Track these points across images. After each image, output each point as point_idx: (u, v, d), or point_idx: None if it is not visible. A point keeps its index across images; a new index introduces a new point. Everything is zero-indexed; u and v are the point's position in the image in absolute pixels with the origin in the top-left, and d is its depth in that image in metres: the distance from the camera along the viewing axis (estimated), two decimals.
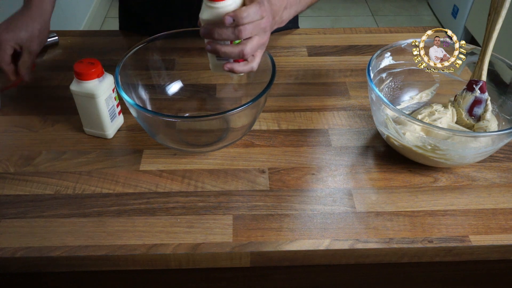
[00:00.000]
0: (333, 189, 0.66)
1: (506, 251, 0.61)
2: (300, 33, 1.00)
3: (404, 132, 0.66)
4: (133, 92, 0.70)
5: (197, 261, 0.59)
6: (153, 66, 0.76)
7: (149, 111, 0.62)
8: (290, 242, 0.59)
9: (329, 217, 0.62)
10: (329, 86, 0.85)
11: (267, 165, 0.69)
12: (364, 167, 0.69)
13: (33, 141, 0.73)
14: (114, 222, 0.61)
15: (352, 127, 0.76)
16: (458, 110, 0.73)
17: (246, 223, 0.61)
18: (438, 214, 0.63)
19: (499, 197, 0.65)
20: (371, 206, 0.64)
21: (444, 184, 0.67)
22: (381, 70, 0.75)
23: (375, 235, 0.60)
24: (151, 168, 0.68)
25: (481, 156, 0.65)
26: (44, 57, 0.92)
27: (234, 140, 0.71)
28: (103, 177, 0.67)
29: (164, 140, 0.69)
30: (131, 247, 0.58)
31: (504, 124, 0.71)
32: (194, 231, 0.60)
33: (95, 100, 0.68)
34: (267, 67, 0.68)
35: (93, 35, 1.00)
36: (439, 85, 0.78)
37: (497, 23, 0.67)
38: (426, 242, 0.59)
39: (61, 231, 0.60)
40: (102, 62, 0.68)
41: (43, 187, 0.65)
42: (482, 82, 0.70)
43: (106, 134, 0.73)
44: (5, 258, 0.57)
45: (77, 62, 0.67)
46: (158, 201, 0.64)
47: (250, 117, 0.68)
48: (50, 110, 0.78)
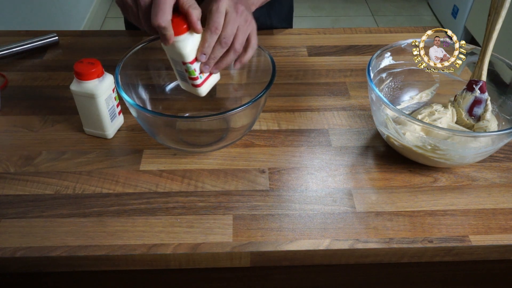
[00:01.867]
0: (333, 189, 0.66)
1: (506, 251, 0.61)
2: (300, 33, 1.00)
3: (404, 132, 0.66)
4: (133, 92, 0.70)
5: (197, 261, 0.59)
6: (153, 66, 0.76)
7: (149, 111, 0.62)
8: (290, 242, 0.59)
9: (329, 217, 0.62)
10: (329, 86, 0.85)
11: (267, 165, 0.69)
12: (364, 167, 0.69)
13: (33, 141, 0.73)
14: (114, 222, 0.61)
15: (352, 127, 0.76)
16: (458, 110, 0.73)
17: (246, 223, 0.61)
18: (438, 214, 0.63)
19: (499, 197, 0.65)
20: (371, 206, 0.64)
21: (444, 184, 0.67)
22: (381, 70, 0.75)
23: (375, 235, 0.60)
24: (151, 168, 0.69)
25: (481, 156, 0.65)
26: (44, 57, 0.92)
27: (234, 140, 0.71)
28: (103, 177, 0.67)
29: (164, 140, 0.69)
30: (131, 247, 0.58)
31: (504, 124, 0.71)
32: (194, 231, 0.60)
33: (95, 100, 0.68)
34: (267, 67, 0.68)
35: (93, 35, 1.00)
36: (439, 85, 0.78)
37: (497, 23, 0.67)
38: (426, 242, 0.59)
39: (61, 231, 0.60)
40: (102, 62, 0.68)
41: (43, 187, 0.65)
42: (482, 82, 0.70)
43: (106, 134, 0.73)
44: (5, 258, 0.57)
45: (77, 62, 0.67)
46: (158, 201, 0.64)
47: (250, 117, 0.68)
48: (50, 110, 0.78)
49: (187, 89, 0.67)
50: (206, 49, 0.61)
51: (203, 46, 0.60)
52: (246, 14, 0.63)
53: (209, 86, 0.67)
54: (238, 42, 0.62)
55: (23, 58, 0.91)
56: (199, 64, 0.62)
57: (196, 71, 0.63)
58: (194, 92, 0.66)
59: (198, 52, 0.61)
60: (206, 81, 0.65)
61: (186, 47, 0.60)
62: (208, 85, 0.66)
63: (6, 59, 0.90)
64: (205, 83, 0.65)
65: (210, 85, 0.67)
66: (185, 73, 0.63)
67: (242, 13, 0.62)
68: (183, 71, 0.63)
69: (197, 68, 0.62)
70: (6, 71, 0.87)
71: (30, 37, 0.92)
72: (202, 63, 0.62)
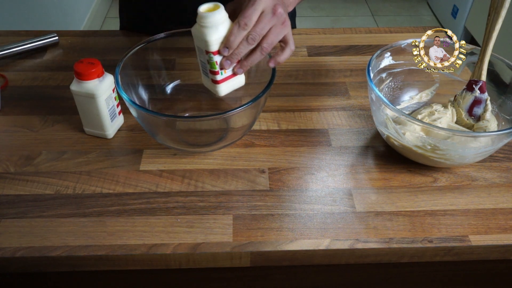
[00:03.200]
0: (333, 189, 0.66)
1: (505, 251, 0.61)
2: (300, 33, 1.00)
3: (404, 132, 0.66)
4: (133, 92, 0.70)
5: (197, 261, 0.59)
6: (153, 66, 0.76)
7: (149, 111, 0.62)
8: (290, 242, 0.59)
9: (329, 217, 0.62)
10: (329, 86, 0.85)
11: (267, 165, 0.69)
12: (364, 167, 0.69)
13: (33, 141, 0.73)
14: (114, 222, 0.61)
15: (352, 127, 0.76)
16: (458, 110, 0.73)
17: (246, 223, 0.61)
18: (438, 214, 0.63)
19: (499, 197, 0.65)
20: (371, 206, 0.64)
21: (444, 184, 0.67)
22: (381, 70, 0.75)
23: (375, 235, 0.60)
24: (151, 168, 0.69)
25: (481, 156, 0.65)
26: (44, 57, 0.92)
27: (234, 140, 0.71)
28: (103, 177, 0.67)
29: (164, 140, 0.69)
30: (131, 247, 0.58)
31: (504, 124, 0.71)
32: (194, 231, 0.60)
33: (95, 100, 0.68)
34: (267, 67, 0.68)
35: (93, 35, 1.00)
36: (439, 85, 0.78)
37: (497, 23, 0.67)
38: (426, 242, 0.59)
39: (61, 231, 0.60)
40: (102, 62, 0.68)
41: (43, 187, 0.65)
42: (482, 82, 0.70)
43: (106, 134, 0.73)
44: (5, 258, 0.57)
45: (77, 62, 0.67)
46: (158, 201, 0.64)
47: (250, 117, 0.68)
48: (50, 110, 0.78)
49: (207, 85, 0.65)
50: (230, 43, 0.58)
51: (228, 39, 0.58)
52: (283, 16, 0.61)
53: (230, 88, 0.65)
54: (267, 41, 0.60)
55: (23, 58, 0.91)
56: (221, 58, 0.60)
57: (218, 64, 0.61)
58: (212, 89, 0.64)
59: (222, 45, 0.59)
60: (227, 80, 0.63)
61: (212, 34, 0.58)
62: (229, 86, 0.64)
63: (6, 59, 0.90)
64: (226, 82, 0.63)
65: (231, 87, 0.65)
66: (207, 64, 0.61)
67: (279, 15, 0.60)
68: (206, 62, 0.61)
69: (218, 61, 0.60)
70: (6, 71, 0.87)
71: (30, 37, 0.92)
72: (224, 57, 0.60)
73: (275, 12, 0.59)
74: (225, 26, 0.59)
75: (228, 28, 0.59)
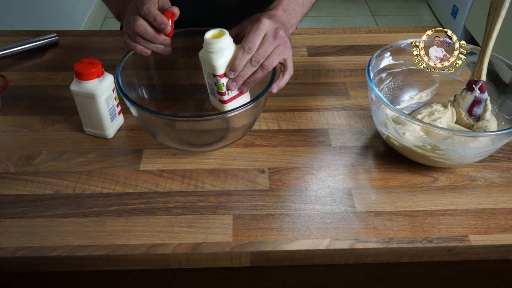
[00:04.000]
0: (333, 189, 0.66)
1: (505, 251, 0.61)
2: (300, 33, 1.00)
3: (404, 132, 0.66)
4: (133, 92, 0.70)
5: (197, 261, 0.59)
6: (153, 66, 0.76)
7: (149, 111, 0.62)
8: (290, 242, 0.59)
9: (329, 217, 0.62)
10: (329, 86, 0.85)
11: (267, 165, 0.69)
12: (364, 167, 0.69)
13: (33, 141, 0.73)
14: (114, 222, 0.61)
15: (352, 127, 0.76)
16: (457, 110, 0.73)
17: (246, 223, 0.61)
18: (437, 214, 0.63)
19: (499, 197, 0.65)
20: (371, 206, 0.64)
21: (443, 184, 0.67)
22: (381, 70, 0.75)
23: (375, 235, 0.60)
24: (151, 168, 0.69)
25: (481, 156, 0.65)
26: (44, 57, 0.92)
27: (234, 140, 0.71)
28: (103, 177, 0.67)
29: (164, 140, 0.69)
30: (131, 247, 0.58)
31: (504, 124, 0.71)
32: (194, 231, 0.60)
33: (95, 100, 0.68)
34: None
35: (93, 35, 1.00)
36: (439, 85, 0.78)
37: (496, 23, 0.67)
38: (425, 241, 0.59)
39: (61, 231, 0.60)
40: (102, 62, 0.68)
41: (43, 187, 0.65)
42: (482, 82, 0.70)
43: (106, 134, 0.73)
44: (5, 258, 0.57)
45: (77, 62, 0.67)
46: (158, 201, 0.64)
47: (250, 117, 0.68)
48: (50, 110, 0.78)
49: (215, 104, 0.68)
50: (236, 66, 0.62)
51: (234, 63, 0.62)
52: (284, 38, 0.64)
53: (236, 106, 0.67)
54: (268, 61, 0.63)
55: (23, 58, 0.91)
56: (227, 80, 0.63)
57: (224, 86, 0.64)
58: (220, 108, 0.67)
59: (228, 68, 0.62)
60: (233, 100, 0.66)
61: (219, 59, 0.61)
62: (235, 105, 0.66)
63: (6, 59, 0.90)
64: (232, 102, 0.66)
65: (238, 105, 0.66)
66: (214, 86, 0.64)
67: (280, 38, 0.63)
68: (213, 84, 0.64)
69: (225, 83, 0.63)
70: (6, 71, 0.87)
71: (30, 37, 0.92)
72: (230, 79, 0.63)
73: (277, 35, 0.63)
74: (230, 50, 0.62)
75: (233, 52, 0.62)
